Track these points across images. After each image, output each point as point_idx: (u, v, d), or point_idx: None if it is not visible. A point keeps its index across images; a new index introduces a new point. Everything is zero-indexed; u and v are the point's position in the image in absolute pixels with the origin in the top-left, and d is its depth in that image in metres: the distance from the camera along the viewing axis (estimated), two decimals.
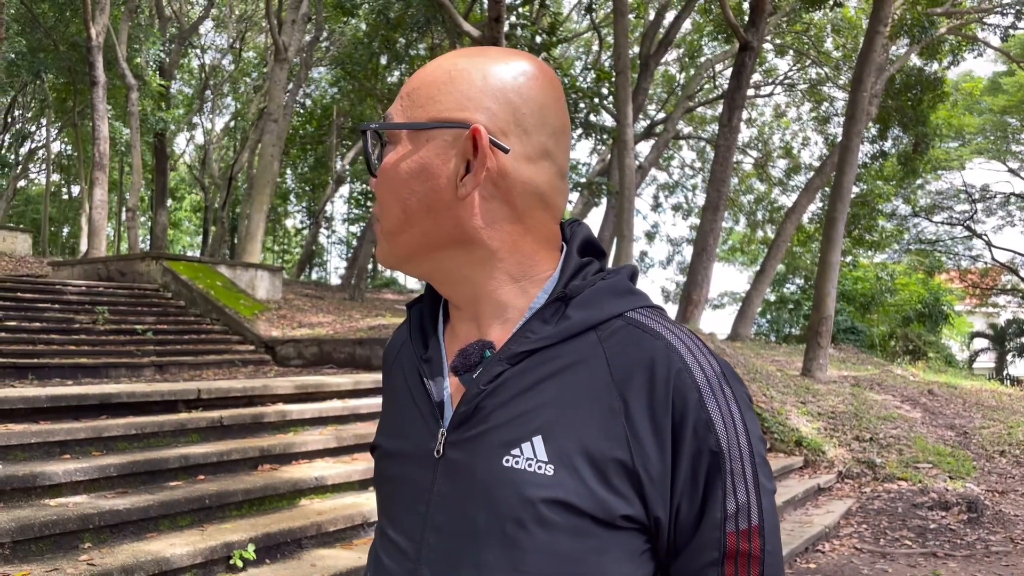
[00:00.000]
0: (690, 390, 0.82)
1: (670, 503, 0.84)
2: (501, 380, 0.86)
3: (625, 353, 0.85)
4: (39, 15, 20.45)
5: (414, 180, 0.87)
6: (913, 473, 8.27)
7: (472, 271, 0.90)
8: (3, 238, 18.45)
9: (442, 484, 0.87)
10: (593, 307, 0.87)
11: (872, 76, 12.84)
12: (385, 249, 0.93)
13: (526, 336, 0.87)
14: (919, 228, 30.39)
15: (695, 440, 0.82)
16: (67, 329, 8.84)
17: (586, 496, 0.81)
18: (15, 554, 3.56)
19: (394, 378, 1.01)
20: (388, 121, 0.90)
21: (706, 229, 15.75)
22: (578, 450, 0.82)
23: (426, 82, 0.89)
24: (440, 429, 0.89)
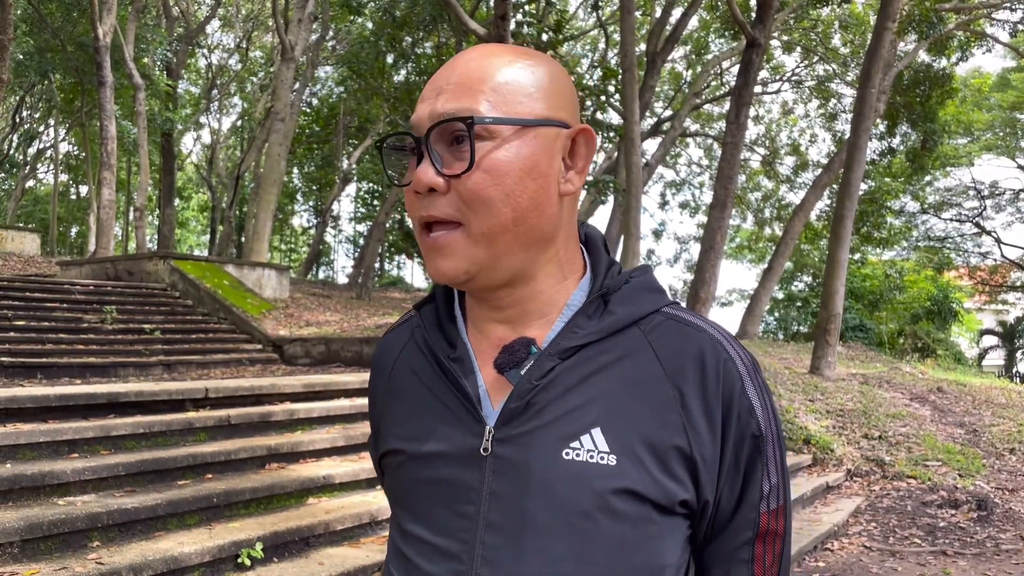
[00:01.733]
0: (735, 379, 0.88)
1: (716, 487, 0.89)
2: (553, 375, 0.88)
3: (673, 345, 0.89)
4: (46, 15, 20.52)
5: (528, 178, 0.86)
6: (922, 471, 8.23)
7: (539, 270, 0.91)
8: (12, 238, 18.52)
9: (494, 482, 0.87)
10: (633, 303, 0.91)
11: (880, 72, 12.78)
12: (474, 255, 0.86)
13: (574, 331, 0.89)
14: (928, 225, 30.26)
15: (739, 425, 0.88)
16: (75, 328, 8.87)
17: (650, 483, 0.85)
18: (24, 553, 3.57)
19: (400, 382, 0.99)
20: (469, 112, 0.84)
21: (713, 227, 15.71)
22: (638, 439, 0.86)
23: (512, 78, 0.87)
24: (486, 427, 0.88)
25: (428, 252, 0.88)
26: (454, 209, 0.85)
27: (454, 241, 0.86)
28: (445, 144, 0.86)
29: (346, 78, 23.28)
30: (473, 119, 0.84)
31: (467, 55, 0.89)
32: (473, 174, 0.84)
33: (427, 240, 0.88)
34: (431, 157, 0.85)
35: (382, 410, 1.02)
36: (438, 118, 0.85)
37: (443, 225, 0.86)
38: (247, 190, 27.90)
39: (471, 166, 0.84)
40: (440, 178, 0.85)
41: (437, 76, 0.89)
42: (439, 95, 0.86)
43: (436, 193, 0.86)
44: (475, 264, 0.86)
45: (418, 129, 0.87)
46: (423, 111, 0.87)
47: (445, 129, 0.85)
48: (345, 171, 27.40)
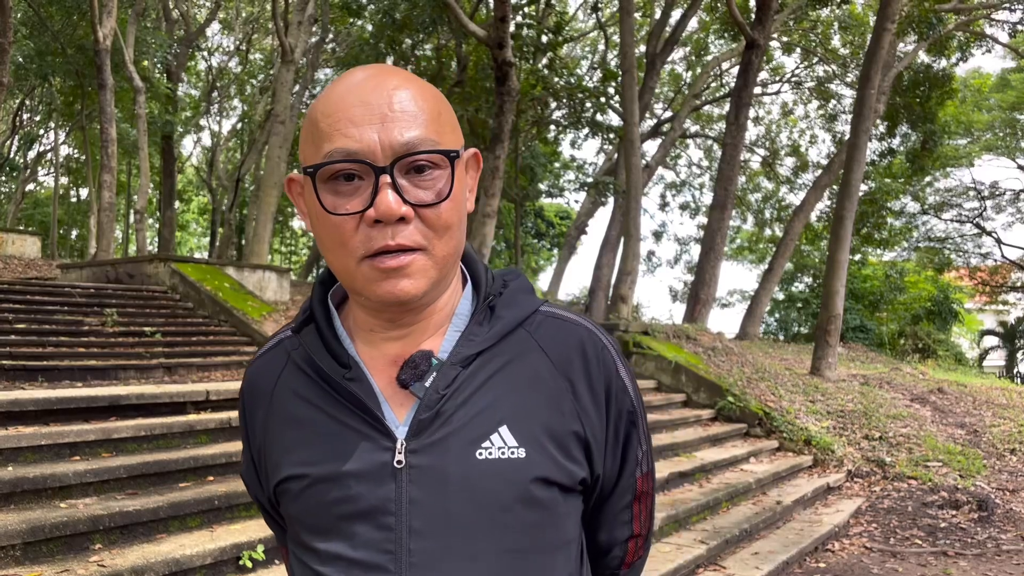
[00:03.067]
0: (611, 364, 0.99)
1: (603, 460, 0.99)
2: (457, 383, 0.93)
3: (557, 341, 0.98)
4: (47, 19, 20.53)
5: (463, 203, 0.94)
6: (923, 472, 8.23)
7: (447, 285, 0.97)
8: (12, 241, 18.54)
9: (411, 491, 0.90)
10: (516, 306, 0.99)
11: (880, 73, 12.79)
12: (433, 277, 0.91)
13: (471, 339, 0.95)
14: (928, 226, 30.25)
15: (617, 404, 0.99)
16: (76, 331, 8.87)
17: (555, 469, 0.93)
18: (26, 555, 3.58)
19: (286, 407, 0.99)
20: (431, 144, 0.89)
21: (713, 228, 15.72)
22: (541, 430, 0.93)
23: (443, 106, 0.93)
24: (396, 441, 0.91)
25: (385, 274, 0.88)
26: (421, 236, 0.88)
27: (417, 263, 0.89)
28: (401, 172, 0.88)
29: None
30: (458, 153, 0.90)
31: (386, 80, 0.89)
32: (444, 203, 0.89)
33: (386, 263, 0.88)
34: (396, 187, 0.87)
35: (267, 437, 1.01)
36: (405, 148, 0.87)
37: (406, 251, 0.88)
38: (247, 192, 27.91)
39: (448, 196, 0.89)
40: (408, 207, 0.87)
41: (368, 101, 0.88)
42: (385, 122, 0.87)
43: (402, 222, 0.87)
44: (431, 284, 0.91)
45: (372, 156, 0.86)
46: (368, 137, 0.86)
47: (408, 159, 0.87)
48: None
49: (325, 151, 0.88)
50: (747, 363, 11.24)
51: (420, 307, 0.95)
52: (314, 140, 0.90)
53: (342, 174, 0.88)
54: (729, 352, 11.48)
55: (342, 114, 0.88)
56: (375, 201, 0.86)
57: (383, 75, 0.90)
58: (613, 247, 21.11)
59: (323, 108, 0.90)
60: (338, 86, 0.91)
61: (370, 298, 0.91)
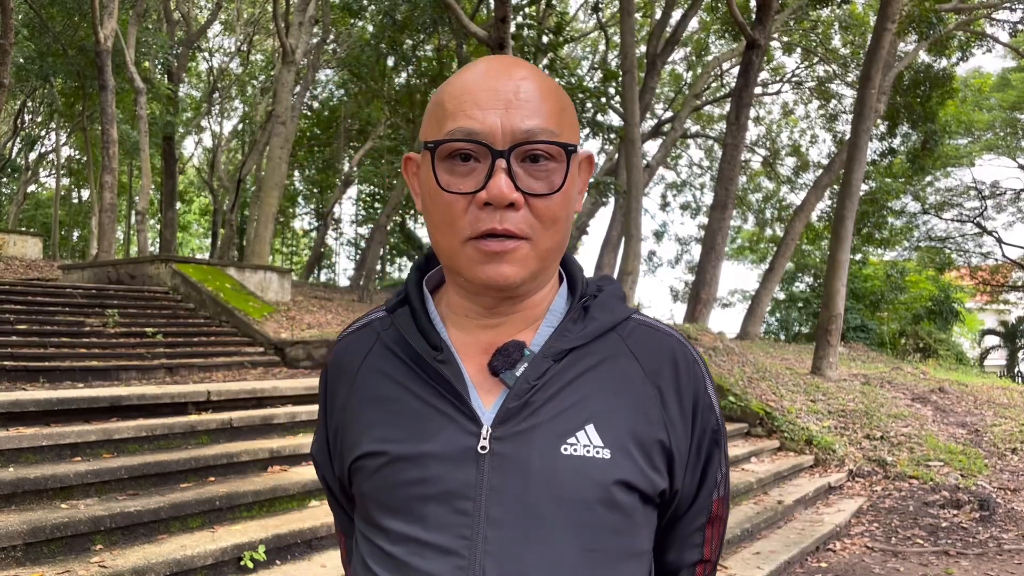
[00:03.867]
0: (700, 378, 0.99)
1: (684, 476, 0.98)
2: (547, 376, 0.93)
3: (649, 349, 0.98)
4: (48, 20, 20.55)
5: (574, 200, 0.96)
6: (924, 471, 8.23)
7: (548, 280, 0.98)
8: (14, 242, 18.56)
9: (493, 478, 0.90)
10: (610, 310, 0.99)
11: (880, 73, 12.78)
12: (534, 267, 0.92)
13: (564, 336, 0.96)
14: (929, 225, 30.23)
15: (703, 421, 0.98)
16: (78, 332, 8.88)
17: (639, 475, 0.92)
18: (27, 556, 3.58)
19: (372, 385, 1.00)
20: (550, 135, 0.90)
21: (714, 228, 15.72)
22: (627, 434, 0.93)
23: (566, 102, 0.95)
24: (482, 426, 0.92)
25: (488, 256, 0.89)
26: (527, 225, 0.89)
27: (521, 251, 0.90)
28: (517, 159, 0.89)
29: (347, 81, 23.32)
30: (575, 147, 0.91)
31: (515, 70, 0.92)
32: (555, 196, 0.90)
33: (490, 245, 0.89)
34: (511, 172, 0.88)
35: (346, 415, 1.01)
36: (525, 136, 0.88)
37: (511, 236, 0.89)
38: (248, 193, 27.92)
39: (560, 189, 0.90)
40: (518, 194, 0.88)
41: (490, 87, 0.90)
42: (509, 109, 0.88)
43: (511, 208, 0.88)
44: (531, 274, 0.92)
45: (491, 139, 0.88)
46: (491, 121, 0.88)
47: (527, 147, 0.89)
48: (346, 174, 27.42)
49: (447, 129, 0.90)
50: (748, 363, 11.24)
51: (517, 297, 0.95)
52: (437, 119, 0.92)
53: (459, 154, 0.90)
54: (730, 352, 11.48)
55: (468, 96, 0.90)
56: (488, 184, 0.87)
57: (512, 65, 0.93)
58: (614, 247, 21.12)
59: (451, 90, 0.92)
60: (468, 71, 0.93)
61: (471, 280, 0.92)
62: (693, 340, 11.47)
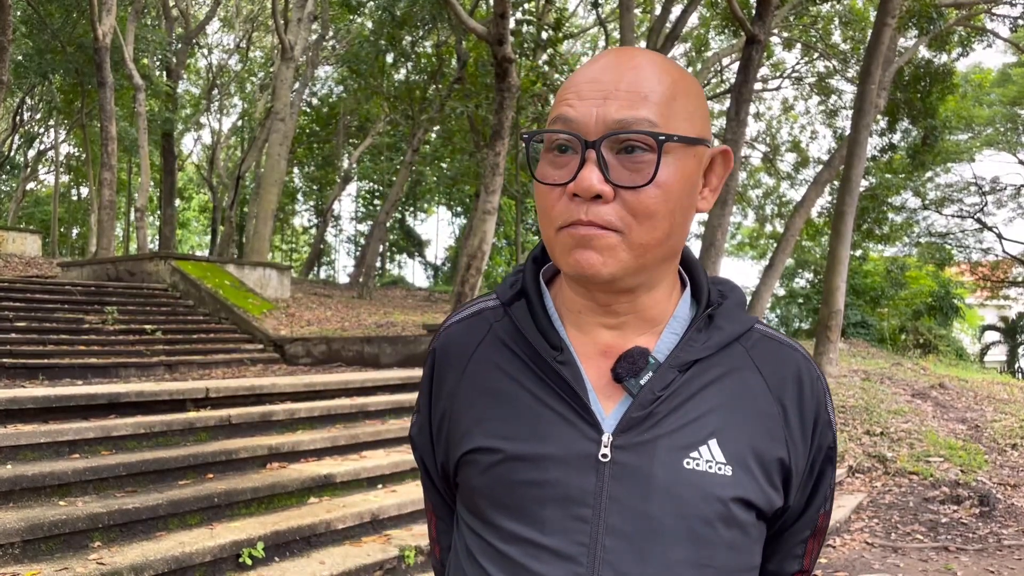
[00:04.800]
0: (821, 395, 0.97)
1: (797, 491, 0.97)
2: (673, 387, 0.91)
3: (773, 363, 0.96)
4: (46, 17, 20.51)
5: (685, 195, 0.89)
6: (924, 467, 8.22)
7: (662, 281, 0.94)
8: (13, 239, 18.54)
9: (613, 487, 0.88)
10: (735, 320, 0.97)
11: (880, 68, 12.76)
12: (625, 261, 0.87)
13: (691, 346, 0.93)
14: (929, 221, 30.19)
15: (819, 437, 0.97)
16: (77, 329, 8.87)
17: (758, 493, 0.91)
18: (25, 553, 3.57)
19: (485, 377, 0.97)
20: (648, 125, 0.85)
21: (714, 224, 15.68)
22: (749, 450, 0.91)
23: (682, 92, 0.89)
24: (603, 433, 0.90)
25: (576, 241, 0.87)
26: (617, 218, 0.86)
27: (612, 243, 0.86)
28: (612, 150, 0.86)
29: (346, 77, 23.28)
30: (668, 136, 0.85)
31: (622, 63, 0.88)
32: (648, 188, 0.85)
33: (578, 231, 0.86)
34: (600, 163, 0.85)
35: (456, 404, 0.99)
36: (616, 126, 0.85)
37: (600, 227, 0.86)
38: (248, 190, 27.90)
39: (651, 181, 0.85)
40: (608, 186, 0.85)
41: (594, 78, 0.88)
42: (607, 99, 0.86)
43: (599, 199, 0.85)
44: (623, 270, 0.87)
45: (584, 130, 0.86)
46: (586, 110, 0.86)
47: (618, 137, 0.85)
48: (345, 171, 27.39)
49: (550, 120, 0.90)
50: None
51: (627, 294, 0.92)
52: (551, 112, 0.91)
53: (559, 145, 0.89)
54: None
55: (574, 88, 0.89)
56: (577, 175, 0.85)
57: (626, 55, 0.90)
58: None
59: (566, 83, 0.91)
60: (588, 64, 0.92)
61: (564, 268, 0.90)
62: None
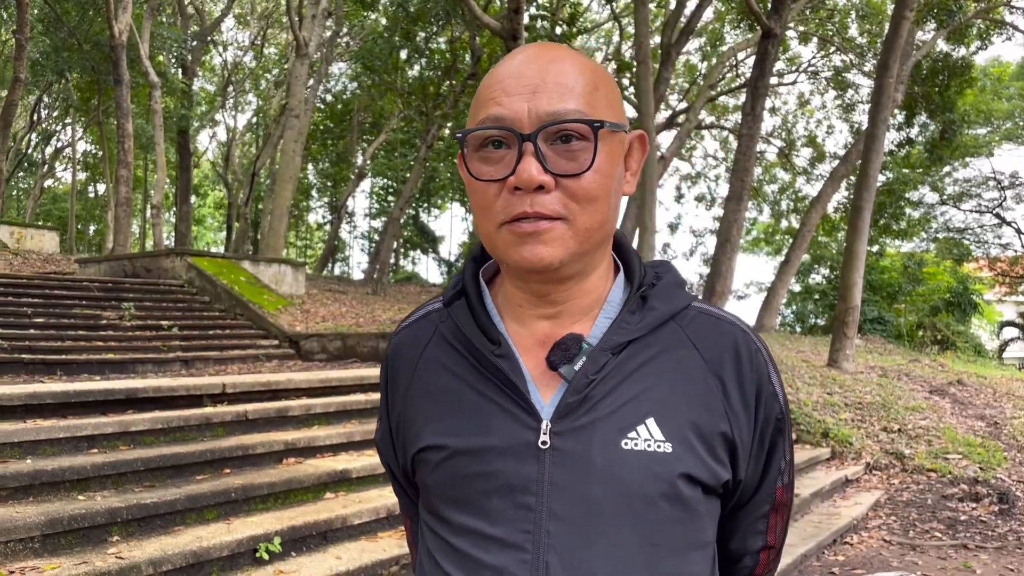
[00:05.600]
0: (763, 367, 0.98)
1: (748, 465, 0.97)
2: (606, 370, 0.92)
3: (710, 338, 0.97)
4: (63, 15, 20.65)
5: (615, 180, 0.93)
6: (943, 464, 8.16)
7: (597, 266, 0.97)
8: (31, 236, 18.69)
9: (554, 473, 0.90)
10: (669, 299, 0.98)
11: (898, 62, 12.64)
12: (572, 247, 0.89)
13: (622, 327, 0.94)
14: (947, 216, 29.92)
15: (766, 409, 0.97)
16: (94, 325, 8.93)
17: (701, 468, 0.91)
18: (44, 547, 3.60)
19: (432, 377, 1.00)
20: (579, 115, 0.88)
21: (729, 219, 15.61)
22: (688, 426, 0.92)
23: (602, 82, 0.93)
24: (541, 422, 0.91)
25: (521, 238, 0.89)
26: (561, 206, 0.88)
27: (556, 231, 0.88)
28: (547, 142, 0.88)
29: (360, 74, 23.31)
30: (603, 123, 0.88)
31: (543, 58, 0.91)
32: (588, 174, 0.88)
33: (523, 227, 0.88)
34: (538, 155, 0.87)
35: (408, 406, 1.01)
36: (550, 117, 0.87)
37: (544, 218, 0.88)
38: (263, 187, 28.00)
39: (591, 167, 0.88)
40: (548, 176, 0.87)
41: (517, 73, 0.90)
42: (536, 93, 0.88)
43: (541, 191, 0.87)
44: (569, 255, 0.90)
45: (518, 124, 0.88)
46: (517, 107, 0.88)
47: (553, 128, 0.87)
48: (360, 167, 27.45)
49: (479, 119, 0.91)
50: None
51: (566, 282, 0.94)
52: (474, 111, 0.93)
53: (492, 141, 0.90)
54: None
55: (499, 85, 0.90)
56: (516, 168, 0.87)
57: (545, 50, 0.92)
58: (628, 239, 21.03)
59: (486, 81, 0.93)
60: (504, 61, 0.94)
61: (510, 264, 0.92)
62: None
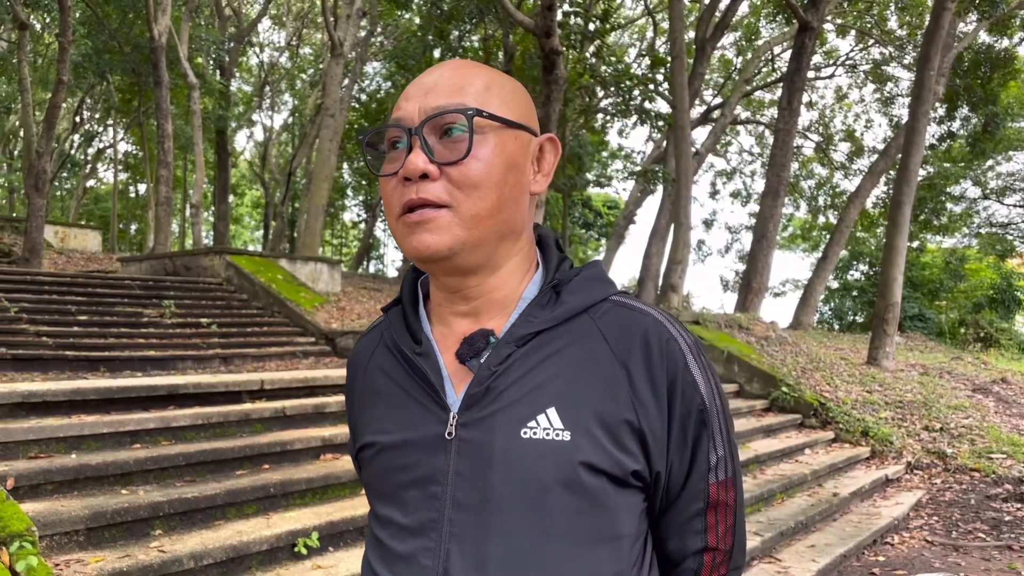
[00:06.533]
0: (678, 356, 0.95)
1: (666, 459, 0.95)
2: (510, 361, 0.95)
3: (619, 328, 0.96)
4: (104, 18, 21.02)
5: (510, 172, 0.95)
6: (986, 464, 8.00)
7: (506, 261, 0.99)
8: (75, 235, 19.08)
9: (458, 463, 0.93)
10: (583, 292, 0.98)
11: (939, 54, 12.40)
12: (459, 235, 0.92)
13: (528, 320, 0.97)
14: (990, 211, 29.28)
15: (684, 400, 0.95)
16: (136, 323, 9.09)
17: (603, 456, 0.91)
18: (89, 540, 3.68)
19: (373, 381, 1.06)
20: (458, 107, 0.92)
21: (766, 215, 15.46)
22: (591, 415, 0.92)
23: (497, 83, 0.97)
24: (450, 414, 0.95)
25: (411, 228, 0.93)
26: (445, 193, 0.91)
27: (442, 219, 0.92)
28: (436, 136, 0.93)
29: (394, 73, 23.43)
30: (477, 110, 0.92)
31: (444, 68, 0.97)
32: (469, 161, 0.91)
33: (410, 218, 0.92)
34: (424, 146, 0.92)
35: (358, 410, 1.08)
36: (434, 111, 0.92)
37: (429, 206, 0.92)
38: (299, 186, 28.29)
39: (468, 153, 0.91)
40: (432, 165, 0.91)
41: (418, 82, 0.96)
42: (428, 94, 0.94)
43: (427, 179, 0.91)
44: (458, 243, 0.92)
45: (409, 122, 0.93)
46: (411, 107, 0.94)
47: (438, 121, 0.92)
48: None
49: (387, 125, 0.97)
50: (801, 353, 11.04)
51: (471, 276, 0.97)
52: None
53: (392, 142, 0.96)
54: (782, 342, 11.29)
55: (403, 93, 0.97)
56: (405, 159, 0.92)
57: (451, 63, 0.98)
58: (662, 236, 20.90)
59: None
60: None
61: (407, 255, 0.95)
62: (745, 329, 11.31)
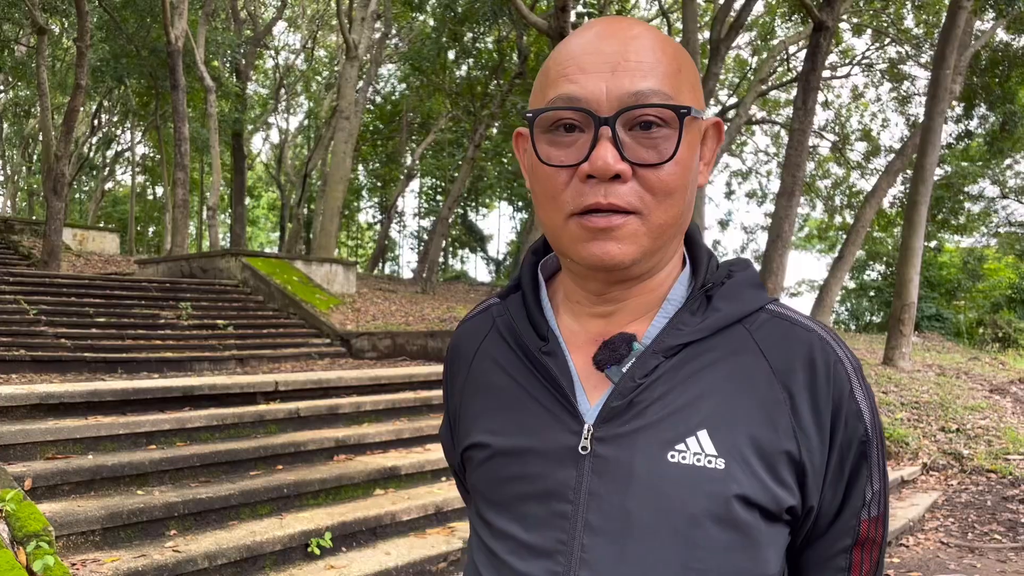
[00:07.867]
0: (844, 381, 0.85)
1: (820, 492, 0.85)
2: (657, 374, 0.84)
3: (781, 345, 0.85)
4: (121, 22, 21.21)
5: (693, 171, 0.84)
6: (1003, 465, 7.93)
7: (667, 263, 0.89)
8: (93, 238, 19.26)
9: (592, 482, 0.83)
10: (737, 300, 0.87)
11: (955, 53, 12.32)
12: (645, 245, 0.82)
13: (678, 328, 0.85)
14: (1009, 211, 29.00)
15: (847, 430, 0.85)
16: (153, 324, 9.17)
17: (759, 490, 0.81)
18: (105, 540, 3.72)
19: (484, 372, 0.95)
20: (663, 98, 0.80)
21: (781, 215, 15.38)
22: (746, 442, 0.82)
23: (685, 63, 0.84)
24: (584, 425, 0.84)
25: (592, 233, 0.81)
26: (636, 198, 0.80)
27: (629, 227, 0.80)
28: (626, 127, 0.80)
29: (409, 75, 23.51)
30: (689, 110, 0.80)
31: (625, 29, 0.82)
32: (667, 165, 0.80)
33: (596, 221, 0.80)
34: (616, 141, 0.79)
35: (462, 402, 0.98)
36: (633, 100, 0.79)
37: (618, 211, 0.80)
38: (315, 188, 28.42)
39: (672, 157, 0.80)
40: (625, 163, 0.79)
41: (595, 47, 0.81)
42: (616, 71, 0.79)
43: (617, 180, 0.79)
44: (643, 253, 0.82)
45: (595, 106, 0.79)
46: (594, 86, 0.80)
47: (635, 112, 0.79)
48: (409, 167, 27.67)
49: (549, 98, 0.82)
50: None
51: (630, 280, 0.86)
52: (542, 88, 0.84)
53: (563, 124, 0.82)
54: None
55: (573, 61, 0.82)
56: (591, 155, 0.79)
57: (622, 24, 0.84)
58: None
59: (556, 56, 0.84)
60: (577, 35, 0.84)
61: (575, 259, 0.84)
62: None
